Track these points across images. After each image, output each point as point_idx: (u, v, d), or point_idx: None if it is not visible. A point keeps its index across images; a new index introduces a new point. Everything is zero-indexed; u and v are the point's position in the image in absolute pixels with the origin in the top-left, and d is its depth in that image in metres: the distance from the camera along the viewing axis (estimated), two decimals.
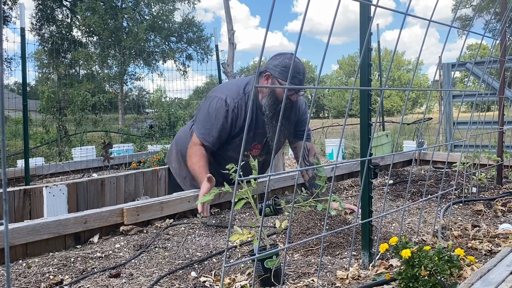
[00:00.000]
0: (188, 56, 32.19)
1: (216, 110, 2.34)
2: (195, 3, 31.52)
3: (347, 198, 2.67)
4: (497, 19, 25.07)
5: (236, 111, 2.34)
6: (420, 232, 1.88)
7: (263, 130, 2.41)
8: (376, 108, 1.42)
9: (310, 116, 1.48)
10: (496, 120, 2.98)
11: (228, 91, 2.42)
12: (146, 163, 6.00)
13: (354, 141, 9.92)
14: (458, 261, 1.19)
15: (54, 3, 28.87)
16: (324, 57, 1.07)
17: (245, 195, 1.43)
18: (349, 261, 1.49)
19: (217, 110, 2.34)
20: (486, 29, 16.92)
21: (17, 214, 3.12)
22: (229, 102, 2.34)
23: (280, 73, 2.27)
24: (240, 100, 2.36)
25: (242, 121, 2.36)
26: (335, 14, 1.04)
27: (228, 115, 2.32)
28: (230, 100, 2.34)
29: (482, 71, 5.99)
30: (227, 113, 2.32)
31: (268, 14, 0.85)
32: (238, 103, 2.34)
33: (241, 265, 1.50)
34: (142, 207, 2.06)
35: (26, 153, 4.89)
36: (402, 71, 56.99)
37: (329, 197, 1.38)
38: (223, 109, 2.33)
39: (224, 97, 2.36)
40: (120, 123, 17.41)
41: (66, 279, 1.46)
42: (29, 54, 20.26)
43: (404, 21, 1.31)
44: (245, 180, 1.45)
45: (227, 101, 2.34)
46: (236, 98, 2.36)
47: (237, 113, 2.34)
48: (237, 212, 2.33)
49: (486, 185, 2.83)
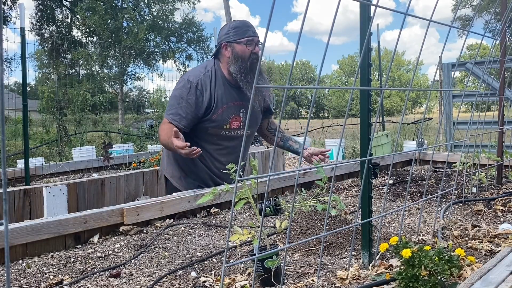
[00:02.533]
0: (188, 56, 32.21)
1: (181, 90, 2.43)
2: (195, 3, 31.54)
3: (347, 198, 2.67)
4: (497, 19, 25.07)
5: (200, 87, 2.42)
6: (420, 232, 1.88)
7: (237, 102, 2.50)
8: (376, 108, 1.42)
9: (310, 116, 1.48)
10: (496, 120, 2.98)
11: (190, 72, 2.55)
12: (146, 163, 6.01)
13: (354, 141, 9.93)
14: (458, 261, 1.19)
15: (54, 3, 28.86)
16: (324, 57, 1.07)
17: (245, 195, 1.43)
18: (349, 261, 1.49)
19: (181, 89, 2.43)
20: (486, 29, 16.93)
21: (17, 214, 3.12)
22: (192, 79, 2.43)
23: (233, 35, 2.41)
24: (203, 76, 2.45)
25: (209, 95, 2.44)
26: (335, 14, 1.04)
27: (192, 91, 2.41)
28: (192, 78, 2.44)
29: (482, 71, 5.99)
30: (191, 89, 2.41)
31: (268, 14, 0.85)
32: (201, 79, 2.44)
33: (241, 265, 1.50)
34: (142, 207, 2.06)
35: (26, 153, 4.89)
36: (402, 71, 57.01)
37: (329, 197, 1.38)
38: (186, 87, 2.42)
39: (186, 77, 2.47)
40: (120, 123, 17.42)
41: (66, 279, 1.46)
42: (29, 54, 20.26)
43: (404, 21, 1.31)
44: (245, 180, 1.45)
45: (190, 79, 2.44)
46: (199, 75, 2.45)
47: (201, 89, 2.42)
48: (237, 212, 2.33)
49: (486, 185, 2.83)
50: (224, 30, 2.48)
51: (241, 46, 2.41)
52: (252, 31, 2.44)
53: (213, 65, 2.51)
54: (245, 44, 2.40)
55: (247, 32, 2.42)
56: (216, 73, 2.48)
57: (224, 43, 2.45)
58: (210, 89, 2.44)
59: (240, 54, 2.42)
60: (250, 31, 2.43)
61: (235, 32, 2.42)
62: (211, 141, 2.54)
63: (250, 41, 2.42)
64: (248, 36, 2.41)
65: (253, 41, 2.43)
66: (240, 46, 2.41)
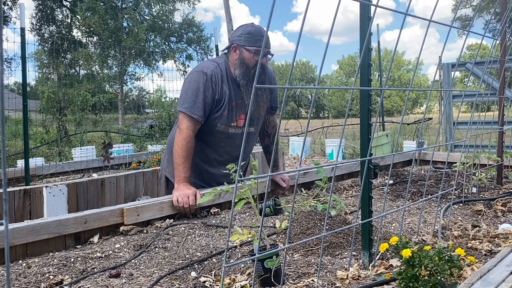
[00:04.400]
0: (188, 56, 32.22)
1: (196, 81, 2.41)
2: (195, 3, 31.54)
3: (347, 198, 2.67)
4: (497, 19, 25.07)
5: (214, 78, 2.42)
6: (420, 232, 1.88)
7: (243, 101, 2.50)
8: (376, 108, 1.42)
9: (310, 116, 1.48)
10: (496, 120, 2.98)
11: (202, 65, 2.54)
12: (146, 163, 6.01)
13: (354, 141, 9.93)
14: (458, 261, 1.19)
15: (54, 3, 28.88)
16: (324, 57, 1.07)
17: (245, 195, 1.43)
18: (349, 261, 1.49)
19: (197, 80, 2.41)
20: (486, 29, 16.93)
21: (17, 214, 3.12)
22: (206, 71, 2.43)
23: (245, 40, 2.39)
24: (215, 69, 2.45)
25: (220, 90, 2.44)
26: (335, 14, 1.04)
27: (207, 82, 2.40)
28: (206, 70, 2.44)
29: (482, 71, 5.99)
30: (207, 81, 2.40)
31: (268, 14, 0.85)
32: (214, 71, 2.44)
33: (241, 265, 1.50)
34: (142, 207, 2.06)
35: (26, 153, 4.89)
36: (402, 71, 57.00)
37: (329, 197, 1.38)
38: (202, 78, 2.41)
39: (200, 69, 2.46)
40: (120, 123, 17.42)
41: (66, 279, 1.46)
42: (29, 54, 20.24)
43: (404, 21, 1.31)
44: (245, 179, 1.45)
45: (204, 71, 2.43)
46: (212, 67, 2.45)
47: (215, 81, 2.43)
48: (237, 212, 2.33)
49: (486, 185, 2.83)
50: (239, 31, 2.44)
51: (249, 54, 2.39)
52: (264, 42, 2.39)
53: (223, 61, 2.49)
54: (253, 53, 2.38)
55: (259, 42, 2.38)
56: (226, 69, 2.47)
57: (234, 44, 2.43)
58: (221, 84, 2.44)
59: (246, 61, 2.40)
60: (262, 42, 2.37)
61: (247, 38, 2.39)
62: (219, 139, 2.53)
63: (259, 52, 2.37)
64: (258, 47, 2.37)
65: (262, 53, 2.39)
66: (248, 53, 2.39)
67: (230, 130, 2.51)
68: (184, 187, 2.27)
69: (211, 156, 2.57)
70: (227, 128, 2.50)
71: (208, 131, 2.49)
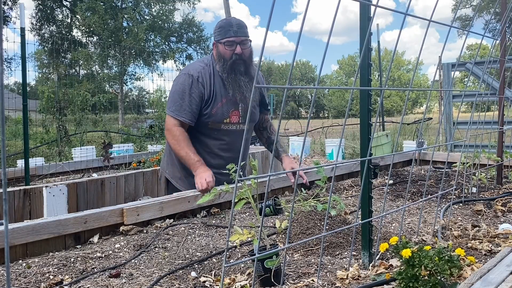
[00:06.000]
0: (188, 56, 32.23)
1: (182, 84, 2.45)
2: (195, 3, 31.55)
3: (347, 198, 2.67)
4: (497, 19, 25.07)
5: (201, 79, 2.45)
6: (420, 232, 1.88)
7: (235, 98, 2.52)
8: (376, 108, 1.42)
9: (310, 116, 1.48)
10: (496, 120, 2.98)
11: (190, 67, 2.57)
12: (146, 163, 6.01)
13: (354, 141, 9.93)
14: (458, 261, 1.19)
15: (54, 3, 28.88)
16: (324, 57, 1.07)
17: (245, 195, 1.43)
18: (349, 261, 1.49)
19: (183, 84, 2.45)
20: (486, 29, 16.93)
21: (17, 214, 3.12)
22: (192, 73, 2.46)
23: (218, 35, 2.44)
24: (202, 69, 2.48)
25: (209, 88, 2.46)
26: (335, 14, 1.04)
27: (194, 84, 2.43)
28: (193, 72, 2.46)
29: (482, 71, 5.99)
30: (193, 83, 2.43)
31: (268, 14, 0.85)
32: (201, 73, 2.46)
33: (241, 265, 1.50)
34: (142, 207, 2.06)
35: (26, 153, 4.89)
36: (402, 71, 57.00)
37: (329, 197, 1.38)
38: (188, 81, 2.44)
39: (186, 72, 2.49)
40: (120, 123, 17.41)
41: (66, 279, 1.46)
42: (29, 54, 20.27)
43: (404, 21, 1.31)
44: (245, 179, 1.45)
45: (190, 73, 2.46)
46: (198, 69, 2.48)
47: (202, 81, 2.45)
48: (237, 212, 2.33)
49: (486, 185, 2.83)
50: (215, 28, 2.50)
51: (222, 46, 2.42)
52: (233, 31, 2.40)
53: (210, 60, 2.53)
54: (224, 44, 2.40)
55: (228, 32, 2.40)
56: (214, 68, 2.51)
57: (214, 42, 2.50)
58: (210, 83, 2.47)
59: (222, 55, 2.44)
60: (231, 31, 2.39)
61: (219, 31, 2.44)
62: (213, 136, 2.55)
63: (231, 42, 2.40)
64: (228, 37, 2.39)
65: (234, 42, 2.40)
66: (221, 46, 2.42)
67: (223, 127, 2.53)
68: (201, 170, 2.34)
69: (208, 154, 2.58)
70: (220, 125, 2.52)
71: (201, 129, 2.53)
